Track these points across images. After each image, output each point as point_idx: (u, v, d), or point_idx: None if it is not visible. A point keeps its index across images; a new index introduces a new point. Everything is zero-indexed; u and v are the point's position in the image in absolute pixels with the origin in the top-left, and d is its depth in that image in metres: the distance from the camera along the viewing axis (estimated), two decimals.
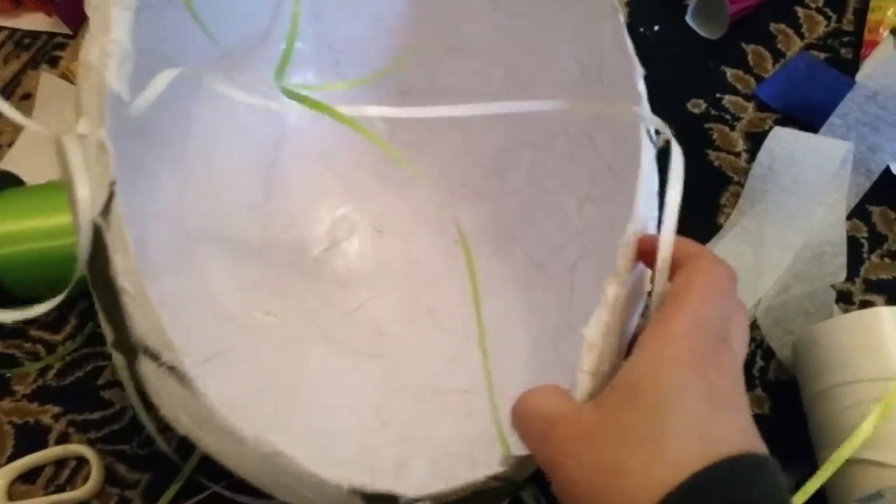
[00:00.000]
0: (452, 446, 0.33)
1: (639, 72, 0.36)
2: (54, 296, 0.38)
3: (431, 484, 0.33)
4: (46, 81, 0.63)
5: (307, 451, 0.42)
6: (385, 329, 0.51)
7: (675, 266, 0.32)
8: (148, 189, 0.46)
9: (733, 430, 0.27)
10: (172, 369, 0.32)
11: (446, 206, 0.53)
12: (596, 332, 0.32)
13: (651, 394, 0.27)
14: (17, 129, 0.63)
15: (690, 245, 0.33)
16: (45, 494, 0.49)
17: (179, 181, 0.49)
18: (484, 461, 0.37)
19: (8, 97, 0.65)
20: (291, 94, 0.43)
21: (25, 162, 0.60)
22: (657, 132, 0.36)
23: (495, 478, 0.33)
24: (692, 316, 0.29)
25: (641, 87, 0.36)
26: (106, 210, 0.32)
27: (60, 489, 0.49)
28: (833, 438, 0.41)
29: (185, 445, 0.49)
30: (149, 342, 0.32)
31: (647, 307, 0.36)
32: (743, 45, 0.64)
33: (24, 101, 0.64)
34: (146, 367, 0.32)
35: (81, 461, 0.50)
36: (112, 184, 0.31)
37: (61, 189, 0.49)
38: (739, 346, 0.31)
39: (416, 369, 0.47)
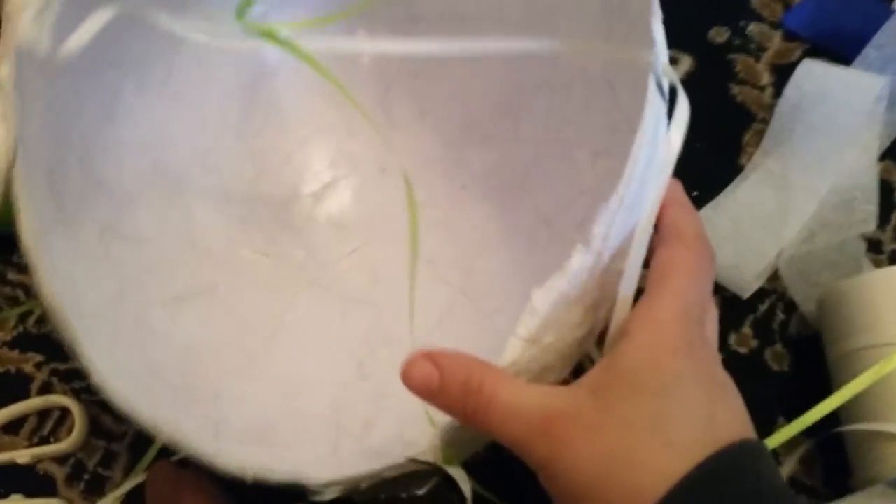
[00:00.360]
0: (426, 409, 0.31)
1: (657, 14, 0.32)
2: None
3: (394, 449, 0.32)
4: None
5: (273, 403, 0.41)
6: (380, 276, 0.49)
7: (657, 239, 0.31)
8: (126, 117, 0.43)
9: (733, 417, 0.28)
10: (73, 342, 0.31)
11: (456, 146, 0.49)
12: (545, 298, 0.29)
13: (651, 383, 0.27)
14: None
15: (675, 215, 0.32)
16: (29, 446, 0.47)
17: (164, 108, 0.46)
18: None
19: None
20: (253, 29, 0.39)
21: None
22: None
23: (416, 461, 0.31)
24: (679, 302, 0.29)
25: (657, 32, 0.32)
26: (13, 166, 0.31)
27: (44, 440, 0.47)
28: (860, 405, 0.38)
29: None
30: (49, 307, 0.31)
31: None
32: None
33: None
34: (61, 333, 0.32)
35: (66, 411, 0.48)
36: (16, 140, 0.30)
37: None
38: (712, 333, 0.32)
39: (408, 320, 0.44)
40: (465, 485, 0.31)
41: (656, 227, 0.32)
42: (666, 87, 0.32)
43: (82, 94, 0.40)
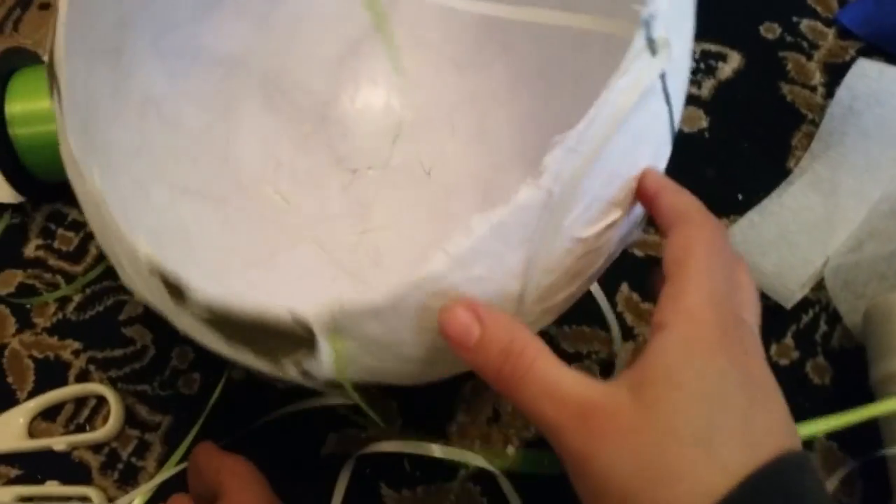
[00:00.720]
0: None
1: None
2: None
3: None
4: None
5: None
6: (383, 262, 0.49)
7: (664, 223, 0.30)
8: (214, 29, 0.47)
9: (774, 426, 0.26)
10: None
11: (503, 169, 0.49)
12: (483, 223, 0.27)
13: (692, 385, 0.26)
14: (33, 45, 0.59)
15: (671, 199, 0.30)
16: (66, 433, 0.48)
17: (253, 39, 0.49)
18: None
19: (26, 7, 0.61)
20: None
21: None
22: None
23: (298, 321, 0.29)
24: (704, 281, 0.28)
25: None
26: None
27: (80, 428, 0.48)
28: None
29: (206, 390, 0.47)
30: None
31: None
32: None
33: (43, 10, 0.61)
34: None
35: (102, 399, 0.48)
36: None
37: None
38: (750, 312, 0.30)
39: None
40: (329, 359, 0.30)
41: (654, 220, 0.31)
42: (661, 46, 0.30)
43: None
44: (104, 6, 0.39)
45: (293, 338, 0.30)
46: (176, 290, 0.31)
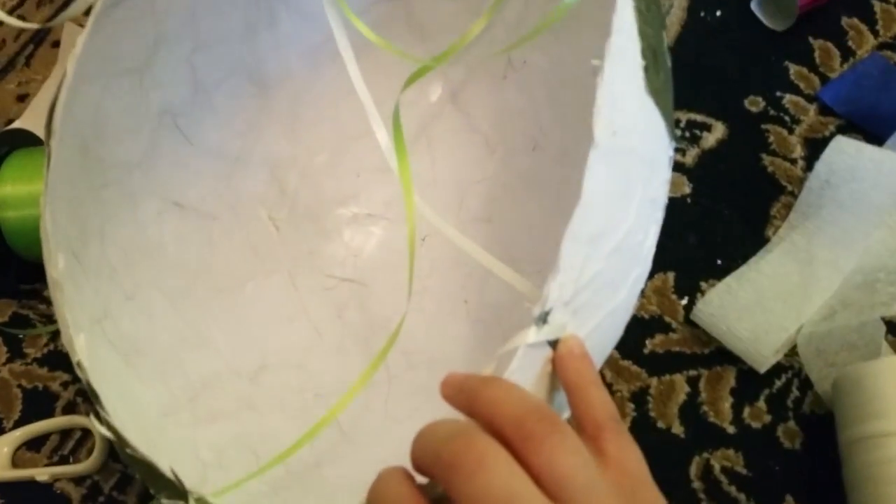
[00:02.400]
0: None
1: None
2: None
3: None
4: (71, 30, 0.61)
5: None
6: (346, 316, 0.51)
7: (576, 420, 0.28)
8: (258, 45, 0.49)
9: None
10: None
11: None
12: None
13: None
14: (43, 80, 0.61)
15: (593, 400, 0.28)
16: (49, 464, 0.48)
17: (296, 63, 0.50)
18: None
19: (39, 44, 0.63)
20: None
21: (43, 119, 0.58)
22: None
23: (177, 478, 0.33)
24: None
25: None
26: None
27: (64, 459, 0.48)
28: (868, 493, 0.38)
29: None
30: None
31: None
32: (810, 39, 0.60)
33: (55, 48, 0.63)
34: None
35: (87, 432, 0.49)
36: None
37: None
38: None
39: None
40: None
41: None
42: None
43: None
44: (142, 29, 0.40)
45: (169, 485, 0.33)
46: (94, 394, 0.34)
